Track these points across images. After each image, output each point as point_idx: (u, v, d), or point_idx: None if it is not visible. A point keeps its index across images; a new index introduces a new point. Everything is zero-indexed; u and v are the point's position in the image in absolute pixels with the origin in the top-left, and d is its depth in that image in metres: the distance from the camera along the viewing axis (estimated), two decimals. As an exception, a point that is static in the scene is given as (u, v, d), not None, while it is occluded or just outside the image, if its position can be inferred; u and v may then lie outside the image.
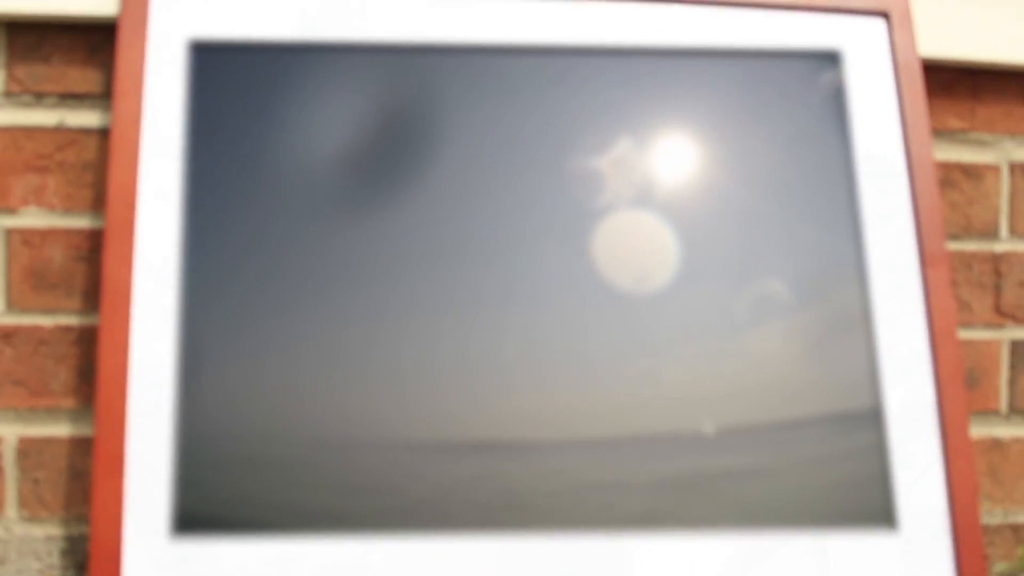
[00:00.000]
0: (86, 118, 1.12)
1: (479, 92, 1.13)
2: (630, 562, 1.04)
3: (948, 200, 1.25)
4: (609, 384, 1.09)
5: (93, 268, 1.12)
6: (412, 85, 1.12)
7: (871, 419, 1.10)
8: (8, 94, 1.12)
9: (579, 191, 1.12)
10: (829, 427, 1.10)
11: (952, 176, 1.26)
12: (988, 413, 1.26)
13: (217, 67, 1.09)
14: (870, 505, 1.08)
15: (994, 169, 1.27)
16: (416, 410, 1.06)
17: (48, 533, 1.11)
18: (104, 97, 1.12)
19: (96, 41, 1.12)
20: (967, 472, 1.09)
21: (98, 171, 1.12)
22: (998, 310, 1.27)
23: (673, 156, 1.14)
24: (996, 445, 1.26)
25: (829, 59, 1.17)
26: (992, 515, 1.25)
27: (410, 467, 1.04)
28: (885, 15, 1.18)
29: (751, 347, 1.11)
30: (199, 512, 1.02)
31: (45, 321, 1.11)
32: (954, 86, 1.26)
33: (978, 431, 1.25)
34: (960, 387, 1.11)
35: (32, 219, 1.12)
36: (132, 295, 1.03)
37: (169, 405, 1.03)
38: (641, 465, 1.07)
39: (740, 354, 1.11)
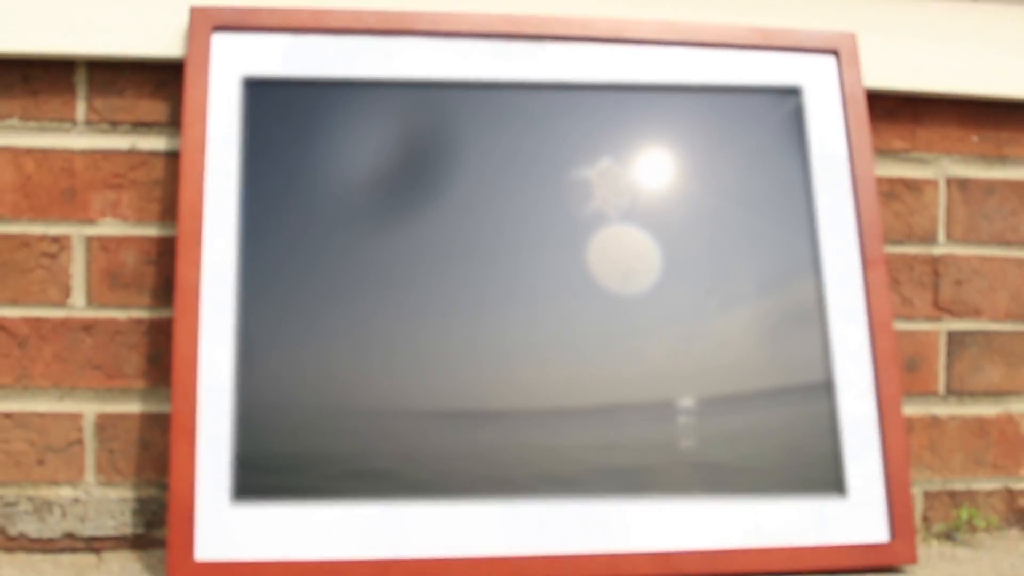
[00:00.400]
0: (154, 143, 1.21)
1: (484, 121, 1.20)
2: (623, 521, 1.13)
3: (892, 210, 1.35)
4: (599, 362, 1.17)
5: (160, 270, 1.21)
6: (429, 115, 1.20)
7: (823, 391, 1.18)
8: (88, 122, 1.21)
9: (570, 201, 1.20)
10: (786, 397, 1.18)
11: (896, 189, 1.36)
12: (928, 394, 1.35)
13: (267, 100, 1.18)
14: (824, 475, 1.17)
15: (933, 183, 1.37)
16: (433, 387, 1.14)
17: (121, 495, 1.20)
18: (170, 125, 1.21)
19: (163, 77, 1.21)
20: (900, 445, 1.18)
21: (165, 188, 1.21)
22: (936, 305, 1.36)
23: (656, 174, 1.22)
24: (935, 422, 1.35)
25: (791, 93, 1.26)
26: (932, 483, 1.35)
27: (428, 433, 1.13)
28: (835, 53, 1.27)
29: (722, 331, 1.19)
30: (254, 479, 1.10)
31: (120, 315, 1.21)
32: (898, 112, 1.36)
33: (919, 410, 1.35)
34: (895, 372, 1.20)
35: (109, 228, 1.21)
36: (200, 292, 1.12)
37: (229, 385, 1.11)
38: (628, 430, 1.15)
39: (712, 337, 1.18)
